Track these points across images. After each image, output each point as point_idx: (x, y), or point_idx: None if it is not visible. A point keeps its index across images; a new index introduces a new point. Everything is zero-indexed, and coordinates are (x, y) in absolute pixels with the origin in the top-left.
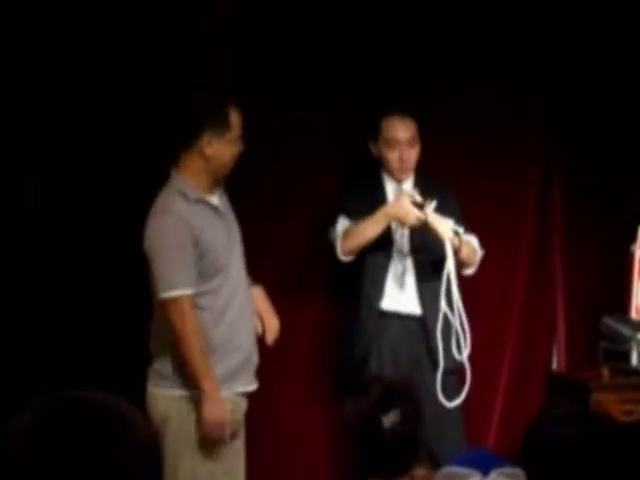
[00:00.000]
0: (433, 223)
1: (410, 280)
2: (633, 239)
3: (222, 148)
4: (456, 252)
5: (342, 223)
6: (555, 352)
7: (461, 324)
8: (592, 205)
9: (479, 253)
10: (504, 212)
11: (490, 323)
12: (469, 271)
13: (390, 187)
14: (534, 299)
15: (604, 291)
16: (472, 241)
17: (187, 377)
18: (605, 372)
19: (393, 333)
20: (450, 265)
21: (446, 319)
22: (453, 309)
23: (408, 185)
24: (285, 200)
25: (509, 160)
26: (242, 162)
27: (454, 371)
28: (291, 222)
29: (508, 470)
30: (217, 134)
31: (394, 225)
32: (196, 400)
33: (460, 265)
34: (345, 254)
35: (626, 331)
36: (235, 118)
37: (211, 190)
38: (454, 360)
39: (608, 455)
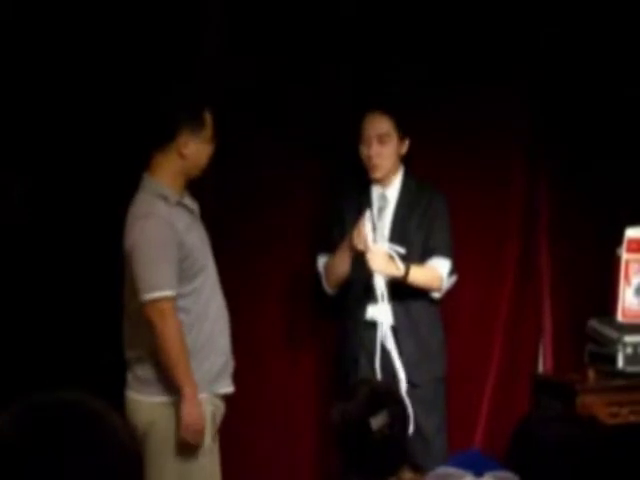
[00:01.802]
0: (368, 257)
1: (387, 291)
2: (619, 242)
3: (198, 148)
4: (402, 280)
5: (321, 261)
6: (541, 354)
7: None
8: (579, 208)
9: (445, 280)
10: (491, 215)
11: (477, 325)
12: (435, 295)
13: (375, 194)
14: (521, 301)
15: (591, 294)
16: (435, 267)
17: (171, 382)
18: (591, 374)
19: (369, 341)
20: (380, 301)
21: (416, 330)
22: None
23: (393, 191)
24: (275, 206)
25: (496, 163)
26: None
27: (436, 381)
28: (291, 226)
29: (502, 474)
30: (193, 133)
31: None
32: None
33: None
34: (331, 288)
35: (612, 334)
36: (208, 117)
37: (183, 192)
38: (430, 372)
39: (594, 457)
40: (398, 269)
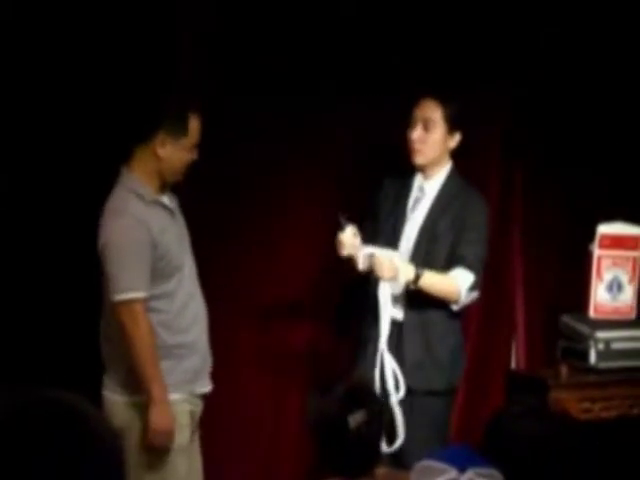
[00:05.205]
0: (375, 265)
1: (399, 297)
2: (592, 238)
3: (175, 152)
4: (412, 284)
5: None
6: (514, 350)
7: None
8: (552, 204)
9: (464, 295)
10: None
11: None
12: (454, 307)
13: (416, 184)
14: (494, 298)
15: (563, 290)
16: (455, 278)
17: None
18: (564, 370)
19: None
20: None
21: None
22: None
23: (434, 185)
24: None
25: (471, 160)
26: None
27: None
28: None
29: (485, 470)
30: (172, 136)
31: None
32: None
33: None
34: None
35: (584, 329)
36: (194, 125)
37: (161, 191)
38: (429, 381)
39: (566, 453)
40: (407, 275)
